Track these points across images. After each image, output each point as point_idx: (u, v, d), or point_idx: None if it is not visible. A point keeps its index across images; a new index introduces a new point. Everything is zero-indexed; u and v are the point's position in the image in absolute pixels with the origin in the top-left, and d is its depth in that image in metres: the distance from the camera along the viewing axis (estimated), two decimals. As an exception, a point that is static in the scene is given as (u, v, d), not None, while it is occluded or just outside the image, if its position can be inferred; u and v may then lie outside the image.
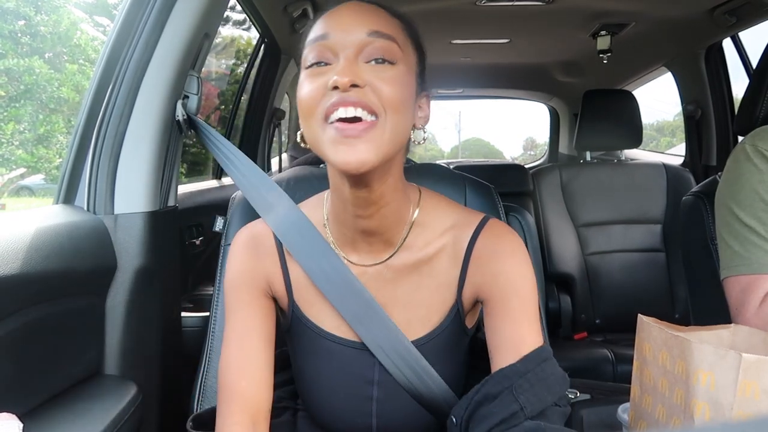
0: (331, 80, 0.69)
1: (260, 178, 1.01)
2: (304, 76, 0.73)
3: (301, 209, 0.90)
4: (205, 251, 1.72)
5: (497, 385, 0.75)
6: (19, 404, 0.86)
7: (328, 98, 0.70)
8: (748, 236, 1.00)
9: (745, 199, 1.01)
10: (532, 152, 8.89)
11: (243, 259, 0.87)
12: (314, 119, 0.71)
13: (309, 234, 0.86)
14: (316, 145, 0.73)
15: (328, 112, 0.70)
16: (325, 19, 0.75)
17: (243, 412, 0.82)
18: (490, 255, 0.82)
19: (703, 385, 0.65)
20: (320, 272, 0.84)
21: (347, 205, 0.79)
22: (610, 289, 2.30)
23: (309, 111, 0.71)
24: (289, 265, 0.87)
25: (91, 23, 4.62)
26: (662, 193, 2.33)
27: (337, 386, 0.86)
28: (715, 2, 2.02)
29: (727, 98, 2.51)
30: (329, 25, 0.73)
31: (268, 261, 0.87)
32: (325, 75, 0.71)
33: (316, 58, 0.73)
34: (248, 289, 0.86)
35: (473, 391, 0.78)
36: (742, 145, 1.06)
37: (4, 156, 4.09)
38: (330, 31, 0.73)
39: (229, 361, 0.84)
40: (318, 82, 0.71)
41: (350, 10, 0.74)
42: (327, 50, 0.72)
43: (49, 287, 0.95)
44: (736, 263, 1.02)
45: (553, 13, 2.25)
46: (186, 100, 1.21)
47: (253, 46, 2.37)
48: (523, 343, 0.77)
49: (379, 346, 0.82)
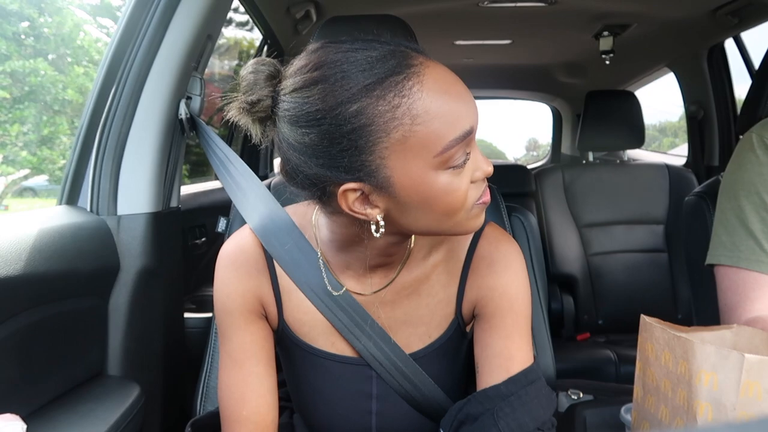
0: (484, 171, 0.67)
1: (252, 185, 0.96)
2: (450, 175, 0.64)
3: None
4: (208, 252, 1.72)
5: (479, 405, 0.74)
6: (23, 405, 0.87)
7: (478, 188, 0.68)
8: (736, 227, 0.99)
9: (741, 189, 1.00)
10: (535, 153, 8.84)
11: (232, 280, 0.79)
12: (464, 210, 0.67)
13: (300, 245, 0.80)
14: (451, 230, 0.69)
15: (479, 201, 0.69)
16: (458, 102, 0.63)
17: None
18: (488, 267, 0.79)
19: (706, 385, 0.64)
20: (310, 285, 0.79)
21: (372, 251, 0.74)
22: (613, 290, 2.29)
23: (462, 206, 0.66)
24: (280, 279, 0.80)
25: (95, 25, 4.63)
26: (665, 193, 2.33)
27: (335, 402, 0.83)
28: (717, 3, 2.02)
29: (730, 99, 2.51)
30: (467, 113, 0.64)
31: (258, 277, 0.80)
32: (462, 169, 0.65)
33: (464, 152, 0.65)
34: (241, 312, 0.79)
35: (456, 408, 0.77)
36: (749, 134, 1.04)
37: (8, 157, 4.10)
38: (472, 127, 0.65)
39: (229, 389, 0.79)
40: (465, 176, 0.66)
41: (463, 88, 0.66)
42: (469, 145, 0.65)
43: (52, 288, 0.96)
44: (719, 252, 1.00)
45: (556, 14, 2.25)
46: (189, 101, 1.21)
47: (256, 47, 2.38)
48: (512, 360, 0.76)
49: (376, 360, 0.80)
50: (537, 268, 1.19)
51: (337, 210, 0.68)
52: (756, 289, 0.96)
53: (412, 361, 0.81)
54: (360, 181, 0.64)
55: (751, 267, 0.96)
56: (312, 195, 0.69)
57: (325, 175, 0.64)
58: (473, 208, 0.68)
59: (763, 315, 0.93)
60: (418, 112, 0.61)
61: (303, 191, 0.69)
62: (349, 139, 0.61)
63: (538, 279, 1.18)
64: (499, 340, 0.77)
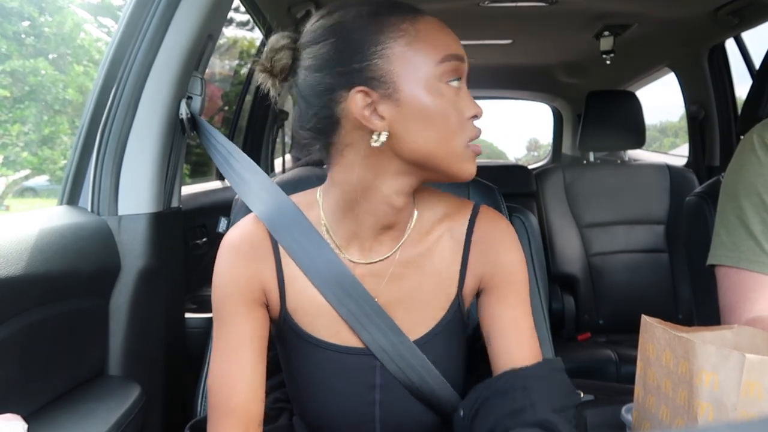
0: (476, 111, 0.74)
1: (256, 176, 0.94)
2: (448, 91, 0.72)
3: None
4: (209, 252, 1.72)
5: (508, 382, 0.76)
6: (23, 405, 0.87)
7: (471, 128, 0.74)
8: (737, 227, 0.99)
9: (742, 189, 1.00)
10: (536, 153, 8.84)
11: (236, 264, 0.80)
12: (459, 141, 0.73)
13: (306, 230, 0.81)
14: (447, 159, 0.73)
15: (472, 137, 0.74)
16: (449, 36, 0.74)
17: (235, 427, 0.78)
18: (490, 243, 0.83)
19: (707, 385, 0.64)
20: (318, 272, 0.80)
21: (379, 205, 0.77)
22: (614, 290, 2.29)
23: (458, 130, 0.73)
24: (284, 267, 0.81)
25: (96, 24, 4.62)
26: (665, 193, 2.33)
27: (338, 394, 0.82)
28: (718, 3, 2.02)
29: (730, 99, 2.51)
30: (457, 46, 0.74)
31: (263, 263, 0.80)
32: (457, 96, 0.73)
33: (456, 74, 0.73)
34: (242, 299, 0.79)
35: (483, 385, 0.78)
36: (750, 134, 1.04)
37: (9, 157, 4.09)
38: (462, 55, 0.74)
39: (221, 376, 0.79)
40: (461, 103, 0.73)
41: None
42: (460, 72, 0.74)
43: (52, 288, 0.96)
44: (720, 252, 1.01)
45: (556, 14, 2.25)
46: (190, 101, 1.21)
47: (257, 47, 2.38)
48: (521, 328, 0.81)
49: (381, 348, 0.80)
50: (538, 268, 1.19)
51: (345, 143, 0.74)
52: (756, 290, 0.96)
53: (416, 349, 0.81)
54: (371, 87, 0.70)
55: (752, 267, 0.96)
56: (323, 130, 0.75)
57: (338, 84, 0.71)
58: (466, 149, 0.74)
59: (763, 315, 0.93)
60: (420, 28, 0.72)
61: (314, 135, 0.76)
62: (360, 45, 0.71)
63: (539, 279, 1.18)
64: (507, 308, 0.82)
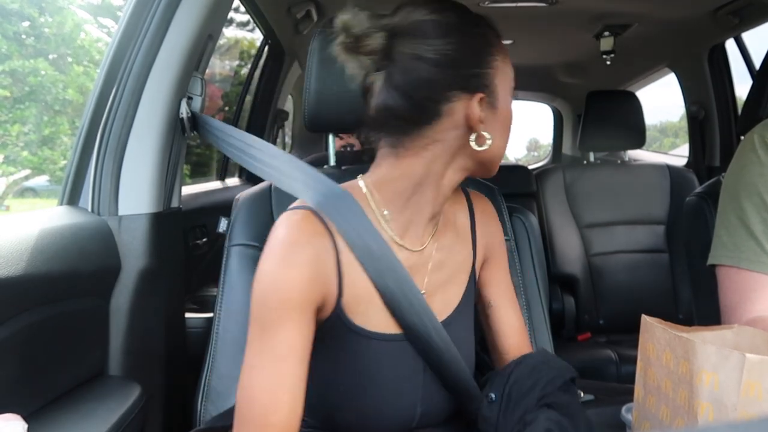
0: None
1: (289, 163, 0.89)
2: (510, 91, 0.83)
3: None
4: (209, 252, 1.72)
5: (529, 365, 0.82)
6: (24, 405, 0.87)
7: None
8: (737, 227, 0.99)
9: (742, 190, 1.00)
10: (536, 153, 8.85)
11: (295, 263, 0.72)
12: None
13: (361, 218, 0.77)
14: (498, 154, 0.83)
15: None
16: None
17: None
18: (486, 217, 0.94)
19: (707, 385, 0.64)
20: (373, 259, 0.76)
21: (438, 195, 0.82)
22: (614, 290, 2.29)
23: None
24: (341, 255, 0.76)
25: (96, 24, 4.63)
26: (666, 193, 2.33)
27: (390, 383, 0.80)
28: (718, 3, 2.02)
29: (731, 99, 2.50)
30: None
31: (324, 254, 0.75)
32: None
33: None
34: (298, 301, 0.72)
35: (507, 370, 0.83)
36: (751, 134, 1.04)
37: (9, 157, 4.10)
38: None
39: (260, 390, 0.70)
40: None
41: None
42: None
43: (53, 288, 0.96)
44: (720, 252, 1.01)
45: (557, 14, 2.25)
46: (190, 101, 1.21)
47: (257, 47, 2.38)
48: (510, 288, 0.96)
49: (419, 333, 0.78)
50: (538, 268, 1.19)
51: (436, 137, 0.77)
52: (757, 290, 0.96)
53: (444, 331, 0.80)
54: (484, 93, 0.77)
55: (752, 267, 0.96)
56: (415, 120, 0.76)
57: (456, 84, 0.75)
58: None
59: (763, 315, 0.93)
60: (501, 54, 0.81)
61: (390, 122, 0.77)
62: (480, 52, 0.77)
63: (539, 279, 1.18)
64: (502, 272, 0.95)
